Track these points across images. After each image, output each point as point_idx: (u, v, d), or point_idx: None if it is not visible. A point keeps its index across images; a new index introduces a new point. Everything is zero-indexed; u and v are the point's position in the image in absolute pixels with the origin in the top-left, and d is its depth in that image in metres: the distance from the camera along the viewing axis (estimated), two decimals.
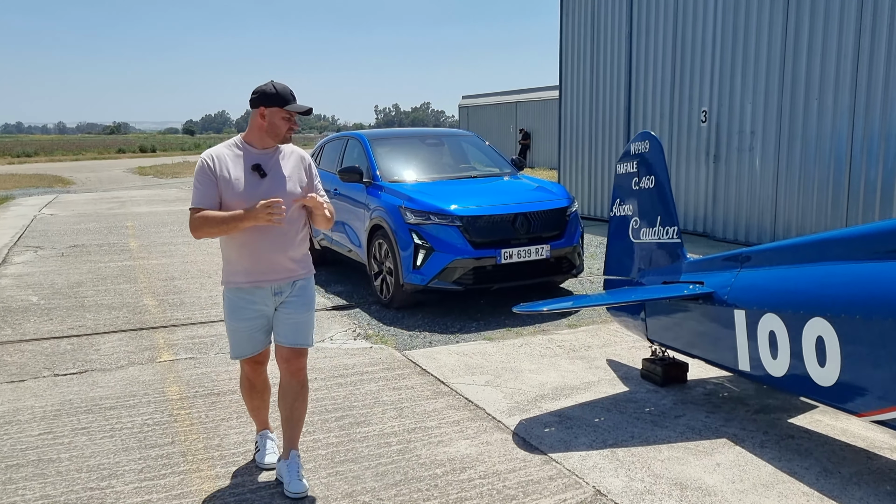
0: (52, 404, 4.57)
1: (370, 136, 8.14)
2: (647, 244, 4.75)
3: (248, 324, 3.40)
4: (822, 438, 3.86)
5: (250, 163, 3.31)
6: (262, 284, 3.35)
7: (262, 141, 3.35)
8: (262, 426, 3.79)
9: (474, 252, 6.38)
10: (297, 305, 3.42)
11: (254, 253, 3.31)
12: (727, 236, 10.36)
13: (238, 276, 3.36)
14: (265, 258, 3.32)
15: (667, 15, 11.26)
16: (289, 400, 3.47)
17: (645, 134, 4.76)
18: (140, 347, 5.78)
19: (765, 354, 3.68)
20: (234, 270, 3.38)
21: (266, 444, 3.74)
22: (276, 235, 3.31)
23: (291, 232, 3.36)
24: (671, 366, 4.71)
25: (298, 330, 3.43)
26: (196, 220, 3.23)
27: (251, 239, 3.29)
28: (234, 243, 3.33)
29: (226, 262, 3.43)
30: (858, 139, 8.43)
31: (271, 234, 3.30)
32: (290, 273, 3.40)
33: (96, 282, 8.27)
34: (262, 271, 3.34)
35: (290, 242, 3.37)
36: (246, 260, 3.33)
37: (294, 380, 3.46)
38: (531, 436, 3.99)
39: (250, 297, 3.37)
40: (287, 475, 3.42)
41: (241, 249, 3.32)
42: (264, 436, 3.77)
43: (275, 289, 3.38)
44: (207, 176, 3.27)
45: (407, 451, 3.84)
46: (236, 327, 3.42)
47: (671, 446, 3.82)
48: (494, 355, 5.46)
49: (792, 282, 3.59)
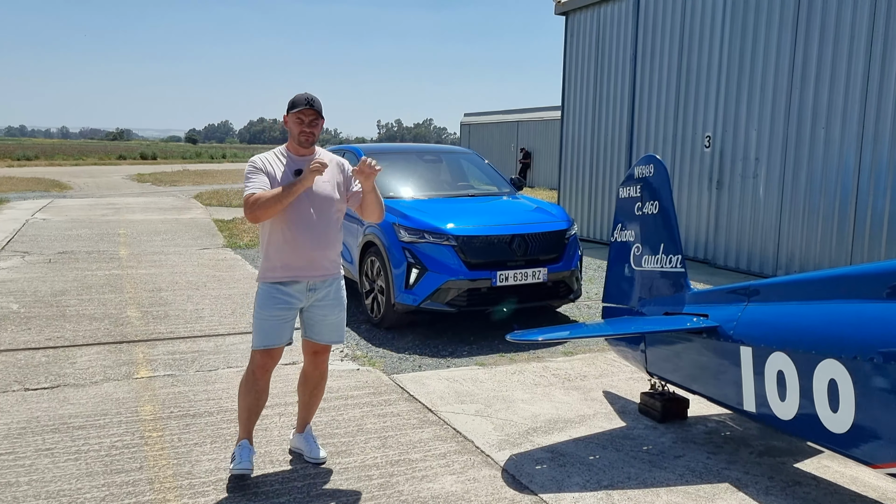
0: (18, 421, 4.33)
1: (366, 151, 7.96)
2: (648, 272, 4.54)
3: (278, 314, 3.59)
4: (831, 486, 3.63)
5: (292, 168, 3.60)
6: (300, 279, 3.59)
7: (295, 148, 3.66)
8: (245, 435, 3.72)
9: (469, 273, 6.17)
10: (333, 307, 3.70)
11: (295, 249, 3.55)
12: (728, 264, 10.16)
13: (277, 271, 3.58)
14: (306, 254, 3.56)
15: (672, 38, 11.15)
16: (310, 387, 3.86)
17: (650, 157, 4.57)
18: (118, 362, 5.54)
19: (772, 395, 3.46)
20: (273, 266, 3.60)
21: (244, 454, 3.63)
22: (317, 234, 3.57)
23: (331, 231, 3.64)
24: (671, 401, 4.48)
25: (335, 330, 3.75)
26: (251, 201, 3.45)
27: (294, 236, 3.54)
28: (277, 240, 3.57)
29: (265, 258, 3.64)
30: (866, 170, 8.26)
31: (312, 232, 3.56)
32: (326, 271, 3.65)
33: (81, 290, 8.05)
34: (302, 267, 3.58)
35: (328, 241, 3.63)
36: (287, 256, 3.56)
37: (317, 371, 3.83)
38: (521, 473, 3.76)
39: (286, 289, 3.60)
40: (306, 446, 3.88)
41: (284, 246, 3.56)
42: (244, 446, 3.67)
43: (310, 285, 3.62)
44: (259, 170, 3.57)
45: (388, 485, 3.61)
46: (267, 316, 3.59)
47: (670, 490, 3.59)
48: (486, 382, 5.23)
49: (804, 319, 3.38)
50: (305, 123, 3.57)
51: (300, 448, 3.92)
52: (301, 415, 3.95)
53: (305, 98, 3.57)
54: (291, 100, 3.61)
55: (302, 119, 3.56)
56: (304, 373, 3.87)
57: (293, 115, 3.57)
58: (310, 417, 3.95)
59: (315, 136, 3.64)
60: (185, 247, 11.46)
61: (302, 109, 3.54)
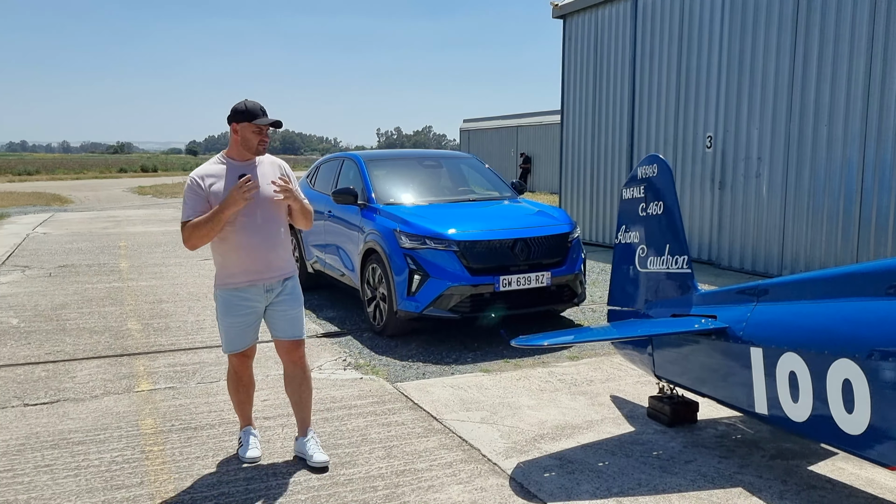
0: (17, 437, 4.26)
1: (366, 157, 7.90)
2: (654, 273, 4.47)
3: (241, 319, 3.74)
4: (847, 489, 3.54)
5: (235, 173, 3.62)
6: (256, 283, 3.71)
7: (240, 154, 3.71)
8: (245, 422, 4.03)
9: (471, 279, 6.10)
10: (290, 302, 3.82)
11: (250, 254, 3.66)
12: (733, 265, 10.08)
13: (235, 276, 3.70)
14: (261, 258, 3.68)
15: (671, 39, 11.10)
16: (295, 386, 3.93)
17: (653, 157, 4.50)
18: (118, 375, 5.47)
19: (784, 397, 3.38)
20: (230, 273, 3.71)
21: (249, 439, 3.97)
22: (267, 236, 3.69)
23: (281, 232, 3.77)
24: (680, 405, 4.40)
25: (294, 324, 3.84)
26: (186, 230, 3.57)
27: (246, 242, 3.64)
28: (231, 246, 3.66)
29: (220, 266, 3.74)
30: (870, 168, 8.19)
31: (262, 235, 3.68)
32: (282, 271, 3.78)
33: (81, 304, 7.99)
34: (258, 270, 3.69)
35: (279, 241, 3.76)
36: (243, 261, 3.67)
37: (297, 368, 3.90)
38: (529, 481, 3.68)
39: (245, 294, 3.72)
40: (309, 450, 3.88)
41: (239, 251, 3.65)
42: (247, 432, 4.00)
43: (267, 286, 3.75)
44: (196, 192, 3.61)
45: (394, 496, 3.53)
46: (231, 323, 3.75)
47: (682, 496, 3.50)
48: (491, 389, 5.15)
49: (815, 318, 3.30)
50: (264, 133, 3.66)
51: (302, 453, 3.96)
52: (297, 417, 3.99)
53: (261, 108, 3.65)
54: (242, 109, 3.62)
55: (261, 129, 3.64)
56: (285, 374, 3.96)
57: (250, 126, 3.61)
58: (307, 418, 3.98)
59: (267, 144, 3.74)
60: (185, 258, 11.40)
61: (258, 120, 3.62)
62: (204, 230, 3.52)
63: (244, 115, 3.62)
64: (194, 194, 3.60)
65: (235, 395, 3.96)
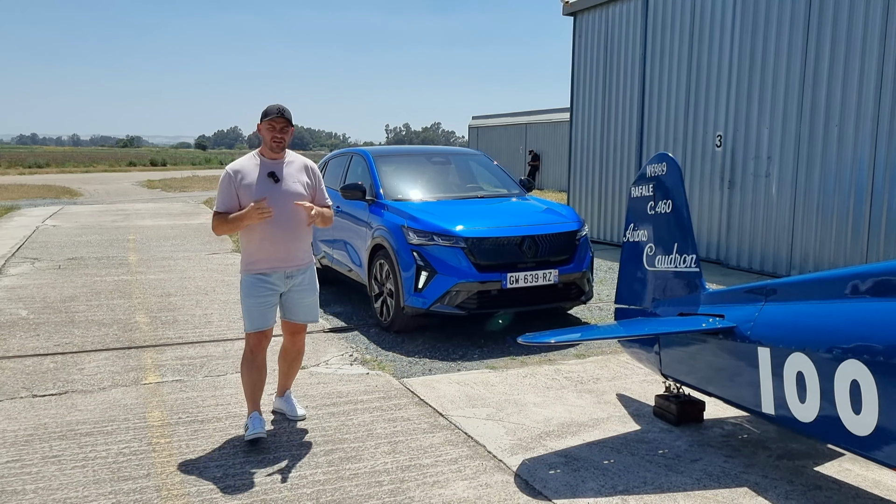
0: (26, 428, 4.30)
1: (374, 153, 7.91)
2: (662, 272, 4.46)
3: (263, 300, 4.08)
4: (853, 490, 3.53)
5: (265, 171, 4.06)
6: (278, 269, 4.09)
7: (268, 152, 4.10)
8: (254, 407, 4.19)
9: (479, 275, 6.10)
10: (308, 291, 4.22)
11: (274, 244, 4.03)
12: (741, 265, 10.04)
13: (260, 263, 4.07)
14: (283, 248, 4.06)
15: (682, 37, 11.04)
16: (288, 360, 4.41)
17: (662, 156, 4.49)
18: (126, 368, 5.50)
19: (791, 397, 3.37)
20: (255, 259, 4.07)
21: (256, 423, 4.11)
22: (289, 229, 4.05)
23: (302, 227, 4.10)
24: (686, 404, 4.39)
25: (310, 310, 4.28)
26: (215, 219, 4.06)
27: (272, 233, 4.01)
28: (257, 236, 4.02)
29: (247, 252, 4.11)
30: (881, 168, 8.13)
31: (286, 228, 4.03)
32: (301, 261, 4.16)
33: (90, 296, 8.03)
34: (280, 258, 4.07)
35: (301, 235, 4.13)
36: (268, 250, 4.04)
37: (295, 348, 4.38)
38: (534, 478, 3.68)
39: (268, 279, 4.08)
40: (287, 407, 4.46)
41: (263, 241, 4.03)
42: (255, 417, 4.15)
43: (287, 273, 4.12)
44: (228, 185, 4.03)
45: (399, 491, 3.54)
46: (253, 303, 4.08)
47: (687, 495, 3.50)
48: (497, 386, 5.16)
49: (824, 319, 3.29)
50: (277, 130, 4.03)
51: (282, 409, 4.47)
52: (281, 382, 4.50)
53: (277, 108, 4.01)
54: (264, 110, 4.05)
55: (274, 126, 4.01)
56: (283, 348, 4.40)
57: (266, 123, 4.01)
58: (289, 384, 4.50)
59: (285, 141, 4.08)
60: (194, 252, 11.45)
61: (274, 118, 3.99)
62: (227, 227, 4.04)
63: (262, 116, 4.04)
64: (226, 187, 4.03)
65: (248, 375, 4.15)
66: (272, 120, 3.99)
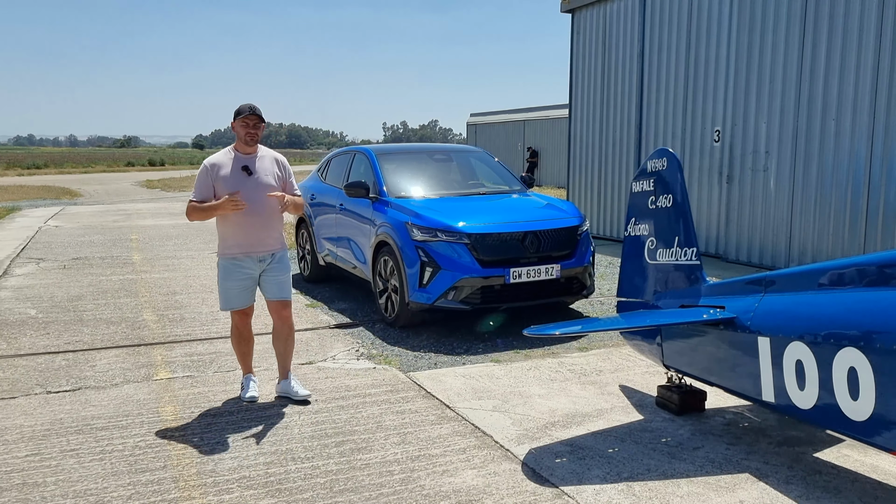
0: (42, 423, 4.39)
1: (377, 151, 7.99)
2: (663, 265, 4.56)
3: (238, 283, 4.57)
4: (852, 475, 3.63)
5: (239, 164, 4.50)
6: (251, 254, 4.54)
7: (242, 147, 4.54)
8: (247, 371, 4.85)
9: (482, 271, 6.20)
10: (279, 270, 4.65)
11: (246, 231, 4.48)
12: (740, 258, 10.14)
13: (233, 248, 4.52)
14: (254, 234, 4.50)
15: (680, 33, 11.14)
16: (282, 339, 4.75)
17: (662, 151, 4.58)
18: (137, 364, 5.59)
19: (791, 385, 3.47)
20: (229, 244, 4.53)
21: (249, 384, 4.78)
22: (263, 219, 4.49)
23: (274, 216, 4.57)
24: (688, 394, 4.49)
25: (282, 287, 4.67)
26: (189, 206, 4.49)
27: (244, 221, 4.44)
28: (230, 223, 4.47)
29: (222, 238, 4.57)
30: (878, 161, 8.23)
31: (258, 217, 4.46)
32: (271, 247, 4.60)
33: (96, 295, 8.12)
34: (252, 244, 4.52)
35: (272, 223, 4.58)
36: (240, 236, 4.49)
37: (284, 325, 4.72)
38: (541, 466, 3.78)
39: (241, 263, 4.55)
40: (291, 389, 4.75)
41: (237, 228, 4.47)
42: (248, 378, 4.82)
43: (259, 257, 4.57)
44: (204, 177, 4.47)
45: (410, 480, 3.64)
46: (229, 286, 4.58)
47: (690, 481, 3.60)
48: (502, 378, 5.25)
49: (822, 308, 3.39)
50: (250, 126, 4.46)
51: (286, 392, 4.76)
52: (280, 364, 4.81)
53: (249, 107, 4.47)
54: (237, 109, 4.49)
55: (247, 123, 4.45)
56: (274, 329, 4.76)
57: (240, 121, 4.45)
58: (288, 365, 4.81)
59: (258, 136, 4.52)
60: (196, 251, 11.53)
61: (247, 115, 4.44)
62: (200, 214, 4.46)
63: (235, 114, 4.49)
64: (203, 178, 4.48)
65: (237, 346, 4.78)
66: (245, 117, 4.44)
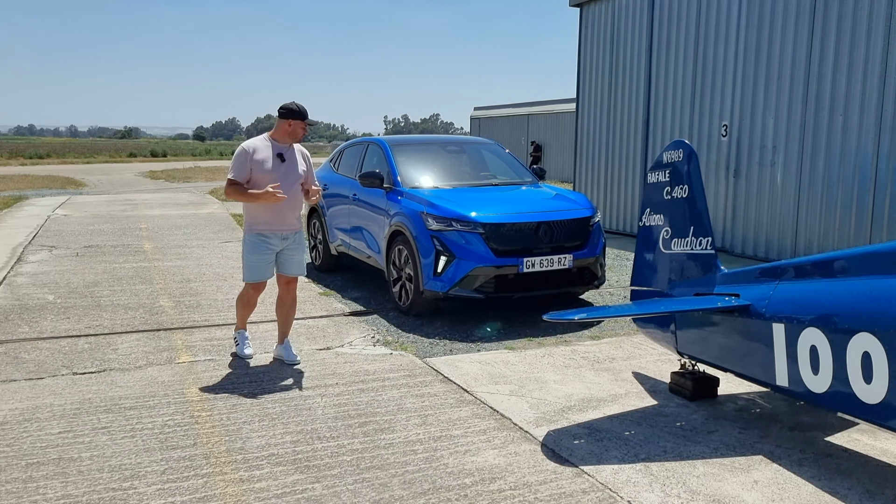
0: (72, 403, 4.50)
1: (391, 142, 8.09)
2: (678, 255, 4.66)
3: (263, 257, 5.15)
4: (863, 458, 3.75)
5: (276, 152, 5.12)
6: (276, 232, 5.13)
7: (284, 140, 5.16)
8: (242, 326, 5.51)
9: (496, 260, 6.30)
10: (297, 249, 5.31)
11: (275, 211, 5.07)
12: (746, 252, 10.25)
13: (262, 225, 5.11)
14: (280, 214, 5.10)
15: (688, 28, 11.21)
16: (285, 309, 5.36)
17: (679, 143, 4.69)
18: (158, 348, 5.71)
19: (805, 370, 3.58)
20: (258, 222, 5.11)
21: (244, 340, 5.48)
22: (289, 201, 5.06)
23: (297, 199, 5.21)
24: (702, 380, 4.61)
25: (299, 265, 5.34)
26: (229, 185, 5.04)
27: (275, 203, 4.97)
28: (261, 205, 5.03)
29: (250, 216, 5.13)
30: (884, 157, 8.33)
31: (286, 200, 5.00)
32: (294, 226, 5.24)
33: (112, 282, 8.23)
34: (279, 222, 5.12)
35: (295, 206, 5.21)
36: (269, 215, 5.08)
37: (289, 296, 5.35)
38: (560, 447, 3.90)
39: (267, 239, 5.13)
40: (286, 353, 5.34)
41: (266, 208, 5.05)
42: (242, 334, 5.50)
43: (282, 235, 5.16)
44: (243, 159, 5.03)
45: (434, 459, 3.75)
46: (255, 259, 5.15)
47: (706, 462, 3.72)
48: (517, 365, 5.37)
49: (836, 296, 3.50)
50: (305, 129, 5.16)
51: (281, 355, 5.35)
52: (280, 330, 5.41)
53: (307, 112, 5.11)
54: (296, 109, 5.08)
55: (305, 126, 5.15)
56: (279, 298, 5.36)
57: (300, 122, 5.10)
58: (287, 331, 5.40)
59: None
60: (207, 240, 11.63)
61: (307, 120, 5.12)
62: (241, 196, 5.02)
63: (298, 115, 5.09)
64: (242, 159, 5.02)
65: (242, 309, 5.44)
66: (307, 121, 5.14)
